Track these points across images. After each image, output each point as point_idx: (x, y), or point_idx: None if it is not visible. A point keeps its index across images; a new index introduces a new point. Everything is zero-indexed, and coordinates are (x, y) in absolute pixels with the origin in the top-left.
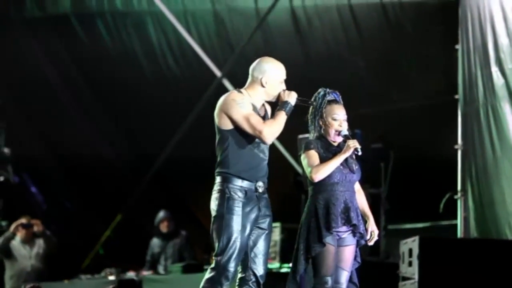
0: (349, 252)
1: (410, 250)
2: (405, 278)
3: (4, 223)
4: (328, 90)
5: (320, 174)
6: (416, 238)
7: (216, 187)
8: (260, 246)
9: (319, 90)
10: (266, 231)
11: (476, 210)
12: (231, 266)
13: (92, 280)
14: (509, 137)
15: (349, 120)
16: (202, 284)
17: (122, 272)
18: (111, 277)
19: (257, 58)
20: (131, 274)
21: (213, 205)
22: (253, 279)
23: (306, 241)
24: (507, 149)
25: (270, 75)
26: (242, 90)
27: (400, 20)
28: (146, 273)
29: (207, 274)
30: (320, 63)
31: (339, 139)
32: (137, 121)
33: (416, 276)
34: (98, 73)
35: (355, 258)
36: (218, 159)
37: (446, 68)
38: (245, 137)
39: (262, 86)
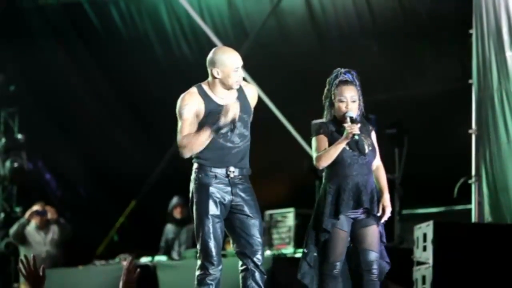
0: (371, 232)
1: (425, 235)
2: (419, 263)
3: (18, 209)
4: (342, 70)
5: (322, 161)
6: (431, 223)
7: (192, 174)
8: (248, 231)
9: (334, 70)
10: (250, 216)
11: (490, 195)
12: (210, 249)
13: (106, 266)
14: None
15: (364, 106)
16: (196, 272)
17: (137, 258)
18: (125, 263)
19: (271, 44)
20: (145, 260)
21: (190, 190)
22: (251, 264)
23: (314, 228)
24: None
25: (221, 66)
26: (202, 84)
27: (414, 5)
28: (160, 258)
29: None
30: (334, 49)
31: (348, 123)
32: (151, 108)
33: (431, 261)
34: (111, 60)
35: (380, 239)
36: None
37: (460, 53)
38: None
39: (215, 77)
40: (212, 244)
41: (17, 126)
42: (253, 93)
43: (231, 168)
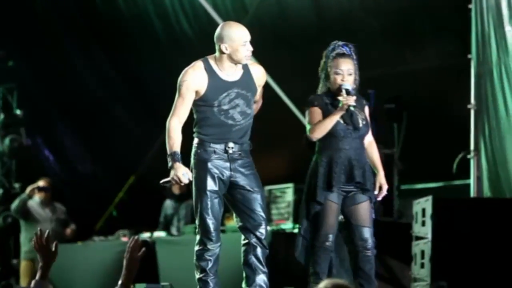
0: (363, 209)
1: (423, 210)
2: (418, 238)
3: (17, 185)
4: (339, 43)
5: (316, 133)
6: (429, 198)
7: (192, 149)
8: (250, 206)
9: (331, 43)
10: (251, 191)
11: (489, 169)
12: (208, 225)
13: (105, 242)
14: None
15: (362, 81)
16: (195, 247)
17: (136, 233)
18: (124, 239)
19: (270, 20)
20: (144, 236)
21: (190, 166)
22: (254, 239)
23: (306, 200)
24: None
25: (229, 40)
26: (209, 58)
27: None
28: (159, 234)
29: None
30: (334, 24)
31: (344, 95)
32: (151, 84)
33: (429, 236)
34: (111, 35)
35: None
36: (193, 123)
37: (460, 28)
38: (207, 110)
39: (224, 52)
40: (210, 220)
41: (16, 102)
42: (259, 72)
43: (230, 144)
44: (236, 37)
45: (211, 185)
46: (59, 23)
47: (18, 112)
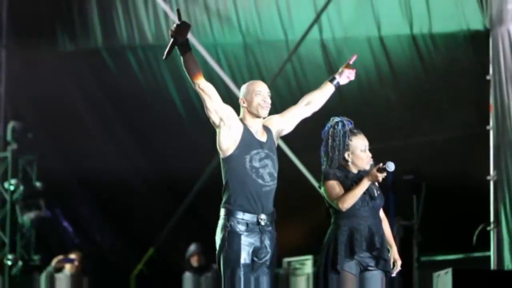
0: (375, 280)
1: (444, 283)
2: None
3: (36, 257)
4: (343, 120)
5: (347, 203)
6: (449, 270)
7: (220, 220)
8: (263, 281)
9: (333, 119)
10: (267, 266)
11: (510, 241)
12: None
13: None
14: None
15: (381, 152)
16: None
17: None
18: None
19: (288, 90)
20: None
21: (217, 238)
22: None
23: (324, 270)
24: None
25: (246, 94)
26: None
27: (431, 51)
28: None
29: None
30: (351, 95)
31: (365, 167)
32: (169, 154)
33: None
34: (130, 107)
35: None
36: (223, 189)
37: (477, 99)
38: (239, 165)
39: (242, 106)
40: None
41: (35, 174)
42: (273, 123)
43: (262, 216)
44: (250, 88)
45: (245, 258)
46: (78, 96)
47: (37, 184)
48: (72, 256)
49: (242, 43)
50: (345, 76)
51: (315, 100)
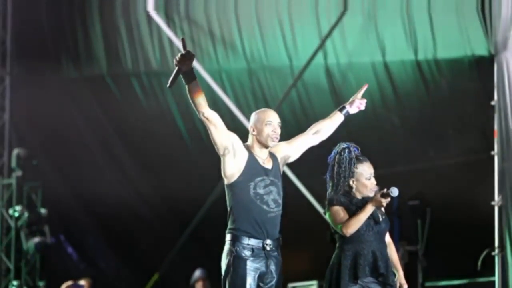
0: None
1: None
2: None
3: (41, 284)
4: (350, 145)
5: (351, 228)
6: None
7: (225, 245)
8: None
9: (340, 145)
10: None
11: None
12: None
13: None
14: None
15: (386, 177)
16: None
17: None
18: None
19: (294, 117)
20: None
21: (222, 263)
22: None
23: None
24: None
25: (255, 122)
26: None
27: (436, 77)
28: None
29: None
30: (355, 120)
31: (370, 194)
32: (174, 180)
33: None
34: (134, 134)
35: None
36: (228, 215)
37: (482, 124)
38: (243, 191)
39: (251, 134)
40: None
41: (40, 201)
42: (279, 150)
43: (268, 241)
44: (260, 117)
45: (250, 283)
46: (83, 122)
47: (42, 210)
48: (82, 282)
49: (247, 69)
50: (356, 106)
51: (323, 129)
